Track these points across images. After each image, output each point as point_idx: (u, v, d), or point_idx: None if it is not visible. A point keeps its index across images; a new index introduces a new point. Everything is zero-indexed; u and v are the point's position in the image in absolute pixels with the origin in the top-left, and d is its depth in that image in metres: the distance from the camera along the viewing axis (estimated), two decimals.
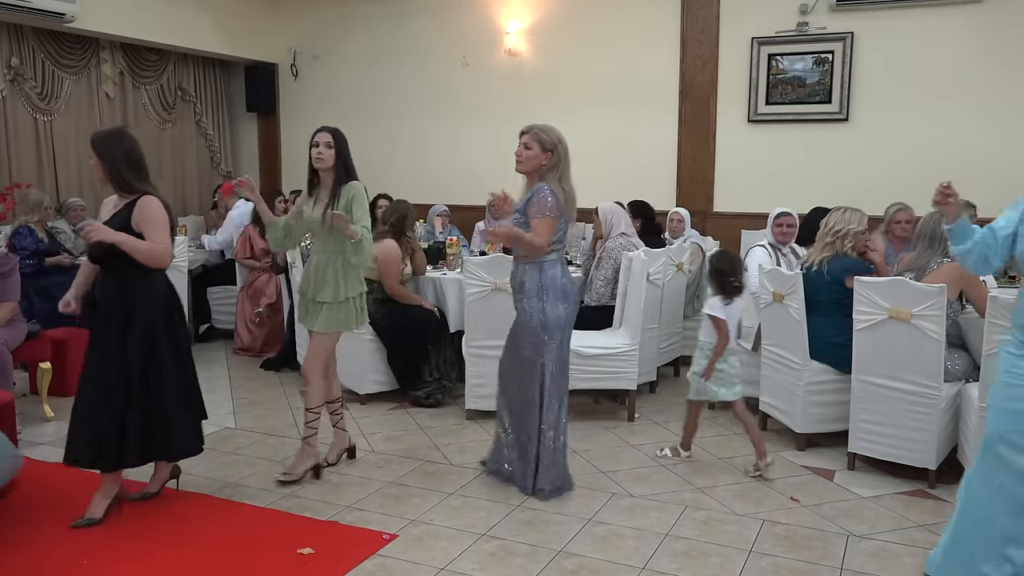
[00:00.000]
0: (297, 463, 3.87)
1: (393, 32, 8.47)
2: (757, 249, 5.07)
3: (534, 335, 3.67)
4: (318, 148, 3.76)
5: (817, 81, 6.90)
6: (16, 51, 7.02)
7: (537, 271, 3.66)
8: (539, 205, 3.59)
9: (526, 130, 3.80)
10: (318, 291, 3.76)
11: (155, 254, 3.31)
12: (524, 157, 3.74)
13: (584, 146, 7.91)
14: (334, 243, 3.73)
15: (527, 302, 3.68)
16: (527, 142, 3.75)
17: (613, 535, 3.35)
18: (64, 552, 3.14)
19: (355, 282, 3.81)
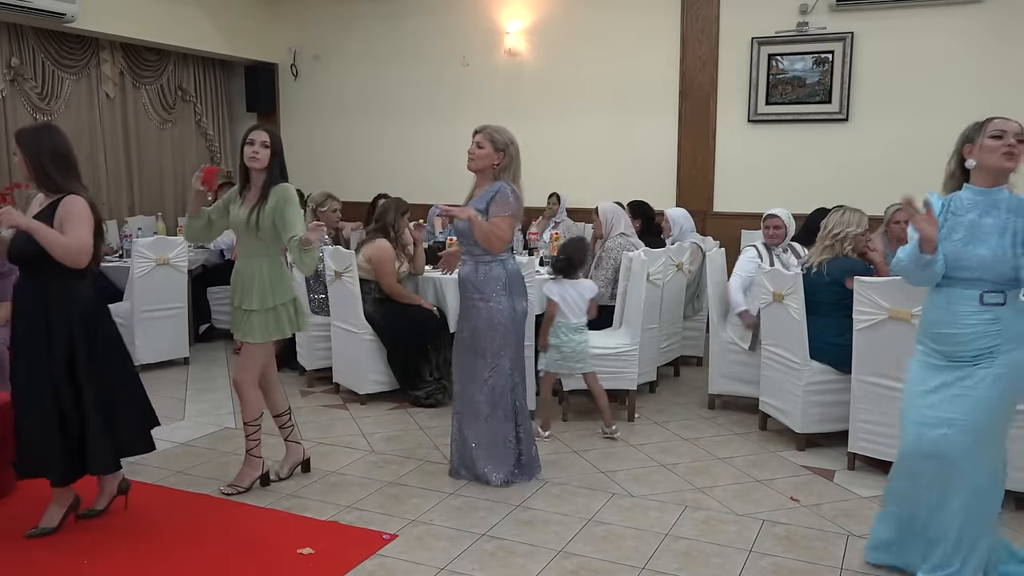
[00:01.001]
0: (242, 475, 3.74)
1: (393, 32, 8.47)
2: (748, 249, 5.08)
3: (502, 330, 3.72)
4: (253, 147, 3.57)
5: (817, 81, 6.90)
6: (16, 51, 7.02)
7: (501, 267, 3.74)
8: (503, 203, 3.67)
9: (479, 129, 3.84)
10: (244, 298, 3.61)
11: (69, 249, 3.07)
12: (477, 156, 3.79)
13: (584, 146, 7.98)
14: (262, 247, 3.60)
15: (494, 300, 3.71)
16: (480, 141, 3.80)
17: (613, 535, 3.35)
18: (64, 552, 3.14)
19: (284, 288, 3.66)
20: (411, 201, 7.80)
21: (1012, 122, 2.64)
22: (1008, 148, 2.58)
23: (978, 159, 2.64)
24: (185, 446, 4.39)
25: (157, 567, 3.06)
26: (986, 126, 2.66)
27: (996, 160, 2.61)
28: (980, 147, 2.63)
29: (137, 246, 5.78)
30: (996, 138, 2.61)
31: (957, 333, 2.63)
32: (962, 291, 2.62)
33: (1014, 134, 2.61)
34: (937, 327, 2.68)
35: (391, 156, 8.57)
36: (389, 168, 8.44)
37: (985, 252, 2.59)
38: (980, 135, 2.65)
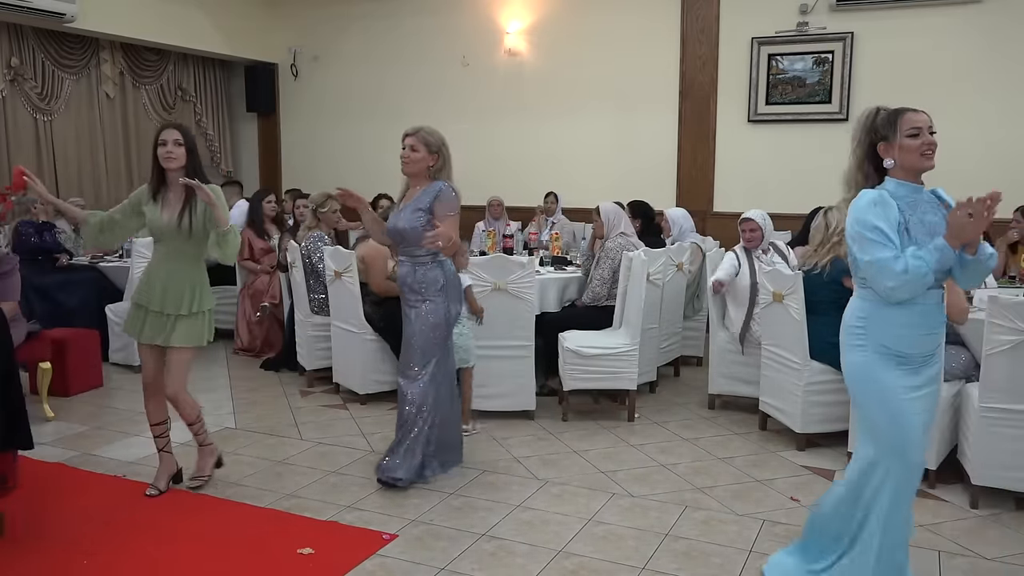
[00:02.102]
0: (202, 464, 3.78)
1: (393, 32, 8.47)
2: (728, 254, 5.02)
3: (434, 333, 3.74)
4: (166, 147, 3.44)
5: (817, 81, 6.90)
6: (16, 51, 7.02)
7: (439, 269, 3.77)
8: (448, 204, 3.72)
9: (412, 132, 3.82)
10: (172, 303, 3.48)
11: None
12: (412, 159, 3.76)
13: (584, 146, 7.99)
14: (190, 248, 3.51)
15: (431, 301, 3.72)
16: (414, 144, 3.77)
17: (613, 535, 3.35)
18: (64, 552, 3.14)
19: (209, 295, 3.60)
20: None
21: (922, 114, 2.51)
22: (927, 147, 2.47)
23: (897, 159, 2.51)
24: (185, 446, 4.37)
25: (157, 567, 3.06)
26: (899, 123, 2.49)
27: (916, 161, 2.49)
28: (898, 147, 2.49)
29: (137, 246, 5.77)
30: (913, 136, 2.48)
31: (923, 335, 2.54)
32: (934, 291, 2.51)
33: (928, 128, 2.49)
34: (909, 332, 2.52)
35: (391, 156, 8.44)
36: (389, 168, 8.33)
37: None
38: (894, 133, 2.50)
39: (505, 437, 4.51)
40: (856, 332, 2.59)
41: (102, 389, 5.47)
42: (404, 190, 3.90)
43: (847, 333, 2.63)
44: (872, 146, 2.56)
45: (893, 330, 2.53)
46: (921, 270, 2.39)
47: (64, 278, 6.09)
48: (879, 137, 2.54)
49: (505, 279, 4.60)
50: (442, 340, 3.81)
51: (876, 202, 2.47)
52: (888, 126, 2.52)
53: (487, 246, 6.09)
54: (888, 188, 2.52)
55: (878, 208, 2.45)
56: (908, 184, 2.52)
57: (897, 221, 2.44)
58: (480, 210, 7.67)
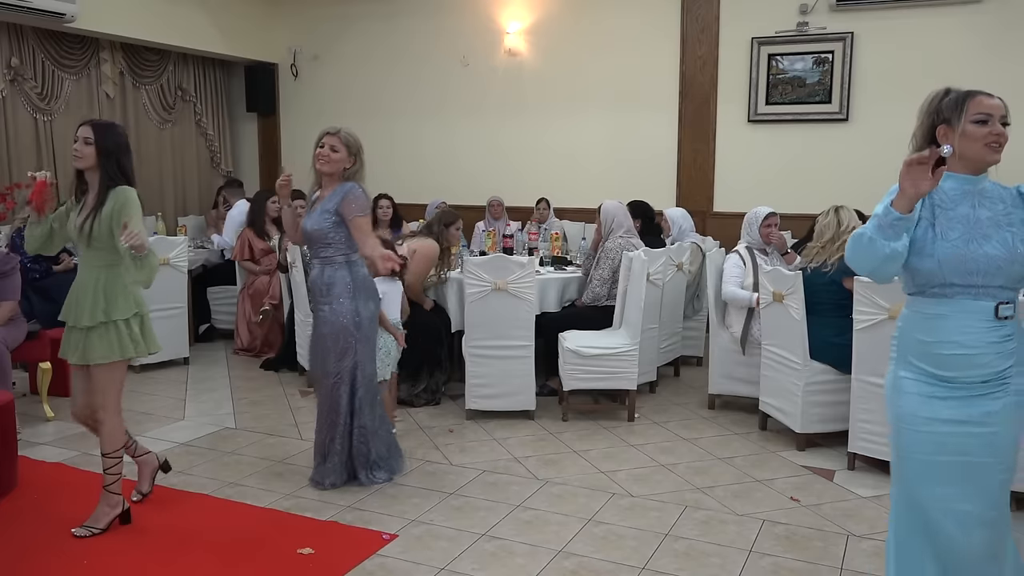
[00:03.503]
0: (99, 514, 3.31)
1: (393, 32, 8.47)
2: (731, 256, 4.97)
3: (347, 335, 3.67)
4: (76, 144, 3.20)
5: (817, 81, 6.90)
6: (16, 51, 7.02)
7: (347, 270, 3.68)
8: (359, 204, 3.63)
9: (333, 132, 3.70)
10: (77, 315, 3.18)
11: None
12: (332, 159, 3.66)
13: (584, 146, 7.98)
14: (96, 256, 3.20)
15: (338, 303, 3.65)
16: (335, 144, 3.67)
17: (613, 535, 3.35)
18: (64, 552, 3.14)
19: (123, 301, 3.19)
20: (411, 201, 7.84)
21: (996, 99, 2.16)
22: (995, 137, 2.13)
23: (958, 147, 2.14)
24: (185, 446, 4.39)
25: (157, 567, 3.06)
26: (967, 104, 2.14)
27: (980, 151, 2.15)
28: (961, 133, 2.14)
29: None
30: (981, 123, 2.13)
31: (965, 355, 2.11)
32: (971, 302, 2.11)
33: (1000, 117, 2.15)
34: (937, 347, 2.14)
35: (391, 156, 8.57)
36: (389, 168, 8.43)
37: (994, 250, 2.10)
38: (960, 116, 2.14)
39: (505, 437, 4.51)
40: (893, 343, 2.27)
41: None
42: (311, 189, 3.82)
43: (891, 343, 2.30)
44: (932, 129, 2.21)
45: (926, 341, 2.15)
46: (861, 234, 2.11)
47: (64, 278, 6.08)
48: (941, 119, 2.19)
49: (505, 279, 4.60)
50: (353, 343, 3.68)
51: (894, 190, 2.14)
52: (953, 108, 2.17)
53: (487, 246, 6.08)
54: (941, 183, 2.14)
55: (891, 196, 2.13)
56: (961, 176, 2.18)
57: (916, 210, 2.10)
58: (480, 210, 7.68)
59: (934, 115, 2.21)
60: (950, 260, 2.10)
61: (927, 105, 2.24)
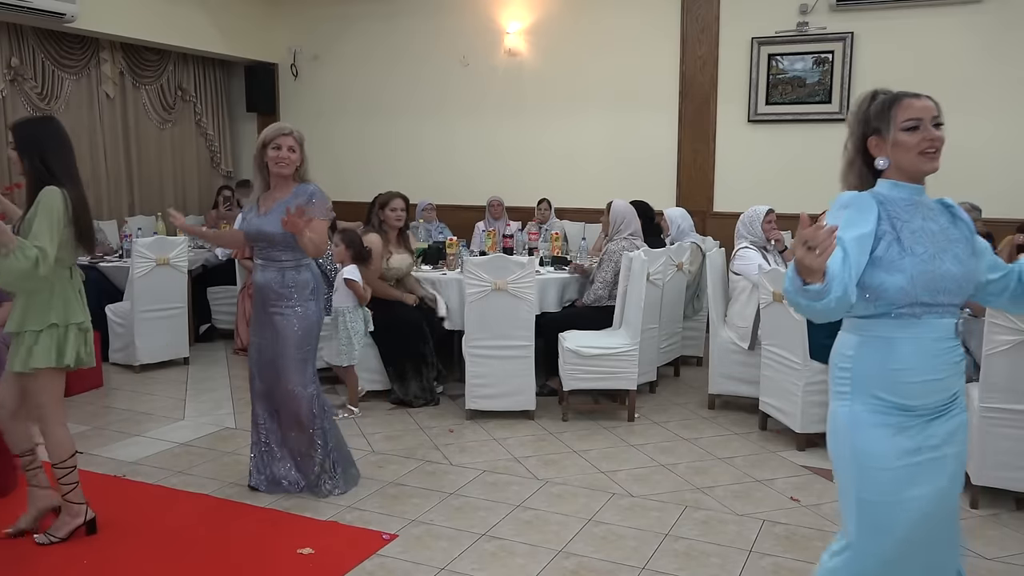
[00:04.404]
0: (60, 523, 3.22)
1: (393, 32, 8.47)
2: (746, 251, 4.92)
3: (309, 336, 3.64)
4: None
5: (817, 81, 6.90)
6: (16, 51, 7.02)
7: (309, 272, 3.65)
8: (321, 207, 3.56)
9: (289, 132, 3.58)
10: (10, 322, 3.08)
11: None
12: (291, 160, 3.57)
13: (584, 146, 7.98)
14: None
15: (305, 305, 3.60)
16: (292, 145, 3.57)
17: (613, 535, 3.34)
18: (64, 552, 3.14)
19: (40, 312, 3.02)
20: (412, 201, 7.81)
21: (925, 100, 1.99)
22: (929, 143, 1.96)
23: (893, 158, 1.98)
24: (185, 446, 4.39)
25: (157, 567, 3.06)
26: (894, 111, 1.97)
27: (915, 161, 1.97)
28: (892, 143, 1.97)
29: (137, 246, 5.78)
30: (912, 130, 1.96)
31: (934, 380, 1.94)
32: (937, 321, 1.94)
33: (931, 119, 1.98)
34: (906, 375, 1.93)
35: (391, 156, 8.57)
36: (390, 168, 8.44)
37: (953, 267, 1.94)
38: (889, 125, 1.97)
39: (505, 437, 4.51)
40: (840, 376, 2.00)
41: (102, 389, 5.47)
42: (260, 190, 3.66)
43: (831, 376, 2.04)
44: (864, 139, 2.04)
45: (894, 370, 1.93)
46: (788, 292, 1.82)
47: None
48: (871, 129, 2.02)
49: (505, 279, 4.60)
50: (315, 344, 3.71)
51: (847, 204, 1.95)
52: (881, 116, 1.99)
53: (487, 246, 6.08)
54: (880, 190, 2.01)
55: (848, 212, 1.93)
56: (907, 186, 2.00)
57: (872, 230, 1.91)
58: (480, 210, 7.68)
59: (864, 124, 2.04)
60: (921, 276, 1.91)
61: (856, 113, 2.07)
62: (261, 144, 3.59)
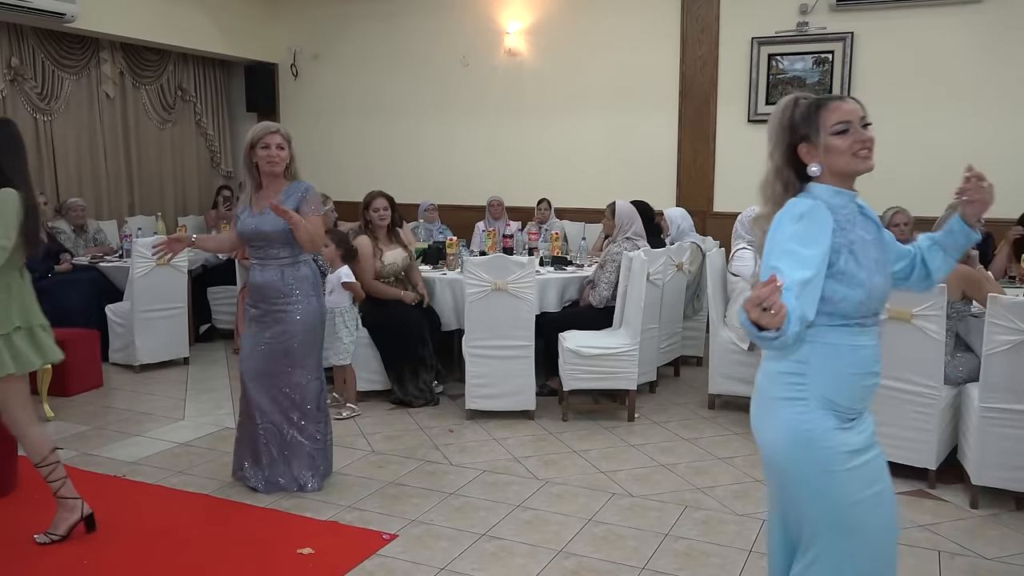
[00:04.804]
0: (58, 520, 3.20)
1: (393, 32, 8.47)
2: (748, 252, 4.93)
3: (316, 332, 3.70)
4: None
5: (817, 81, 6.90)
6: (16, 51, 7.02)
7: (308, 268, 3.69)
8: (315, 203, 3.61)
9: (276, 130, 3.57)
10: None
11: None
12: (280, 158, 3.55)
13: (584, 146, 7.98)
14: None
15: (307, 301, 3.63)
16: (281, 143, 3.56)
17: (613, 535, 3.35)
18: (64, 552, 3.14)
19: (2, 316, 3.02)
20: (412, 200, 7.83)
21: (851, 102, 1.98)
22: (862, 144, 1.94)
23: (826, 163, 1.97)
24: (185, 446, 4.39)
25: (157, 567, 3.06)
26: (822, 116, 1.96)
27: (850, 163, 1.95)
28: (824, 148, 1.96)
29: (137, 246, 5.78)
30: (842, 133, 1.94)
31: (875, 384, 2.01)
32: (876, 328, 2.01)
33: (859, 120, 1.96)
34: (860, 379, 1.97)
35: (391, 156, 8.57)
36: (390, 168, 8.44)
37: (886, 275, 2.02)
38: (818, 131, 1.96)
39: (505, 437, 4.51)
40: (795, 383, 1.96)
41: (102, 389, 5.47)
42: (252, 190, 3.65)
43: (775, 383, 2.00)
44: (792, 148, 2.02)
45: (853, 375, 1.96)
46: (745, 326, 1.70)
47: (64, 278, 6.09)
48: (799, 137, 2.00)
49: (505, 279, 4.60)
50: (320, 338, 3.78)
51: (803, 215, 1.89)
52: (808, 122, 1.99)
53: (487, 246, 6.08)
54: (824, 197, 1.96)
55: (805, 225, 1.88)
56: (846, 192, 1.99)
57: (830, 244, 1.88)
58: (480, 210, 7.68)
59: (789, 131, 2.02)
60: (877, 288, 1.95)
61: (779, 119, 2.04)
62: (249, 144, 3.59)
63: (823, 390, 1.93)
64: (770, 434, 1.99)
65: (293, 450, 3.73)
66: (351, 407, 4.88)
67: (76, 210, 6.76)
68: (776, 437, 1.98)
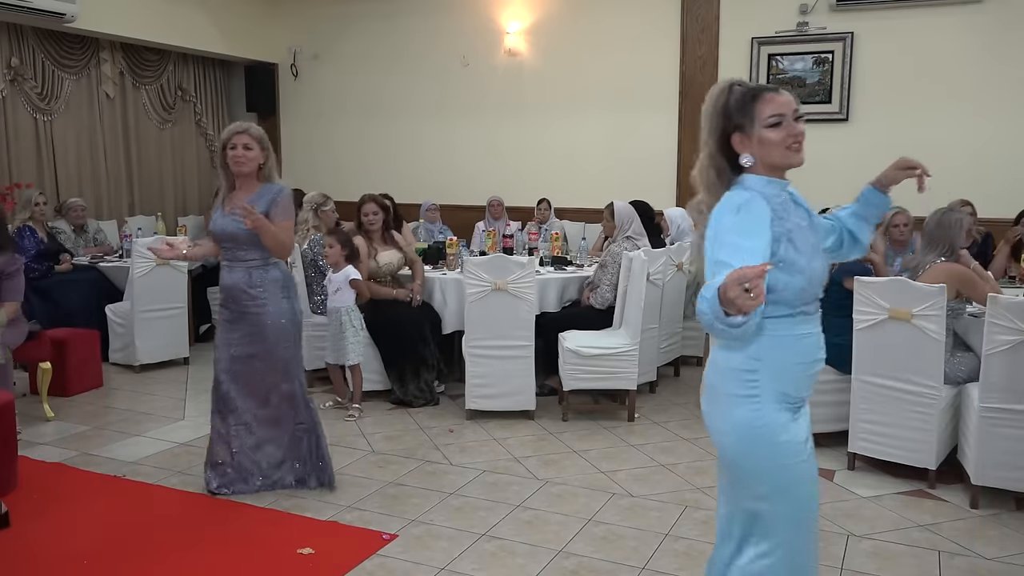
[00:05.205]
0: None
1: (393, 32, 8.47)
2: None
3: (287, 334, 3.60)
4: None
5: (817, 81, 6.90)
6: (16, 51, 7.02)
7: (277, 270, 3.61)
8: (286, 208, 3.53)
9: (242, 130, 3.55)
10: None
11: None
12: (249, 159, 3.52)
13: (584, 146, 7.99)
14: None
15: (276, 303, 3.55)
16: (248, 143, 3.52)
17: (613, 535, 3.35)
18: (64, 552, 3.14)
19: None
20: (412, 200, 7.84)
21: (785, 95, 1.98)
22: (795, 138, 1.97)
23: (759, 155, 1.97)
24: (185, 446, 4.38)
25: (157, 567, 3.06)
26: (757, 107, 1.96)
27: (783, 155, 1.98)
28: (758, 140, 1.96)
29: (137, 246, 5.77)
30: (776, 126, 1.96)
31: (818, 371, 2.04)
32: (817, 314, 2.03)
33: (792, 113, 1.98)
34: (806, 368, 2.00)
35: (391, 156, 8.57)
36: (389, 168, 8.44)
37: (824, 260, 2.05)
38: (753, 122, 1.96)
39: (505, 437, 4.51)
40: (747, 379, 1.95)
41: (102, 389, 5.47)
42: (226, 191, 3.63)
43: (728, 380, 1.99)
44: (726, 136, 2.01)
45: (802, 363, 1.99)
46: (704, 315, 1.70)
47: (64, 278, 6.09)
48: (733, 126, 1.99)
49: (505, 279, 4.60)
50: (294, 342, 3.66)
51: (741, 207, 1.89)
52: (742, 112, 1.98)
53: (487, 246, 6.08)
54: (758, 188, 1.97)
55: (744, 217, 1.88)
56: (779, 181, 2.01)
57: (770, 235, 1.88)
58: (480, 210, 7.68)
59: (723, 119, 2.01)
60: (816, 273, 1.97)
61: (712, 105, 2.02)
62: (221, 145, 3.58)
63: (775, 383, 1.95)
64: (725, 431, 2.00)
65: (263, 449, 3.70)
66: (357, 407, 4.88)
67: (76, 210, 6.76)
68: (732, 434, 1.99)
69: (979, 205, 5.71)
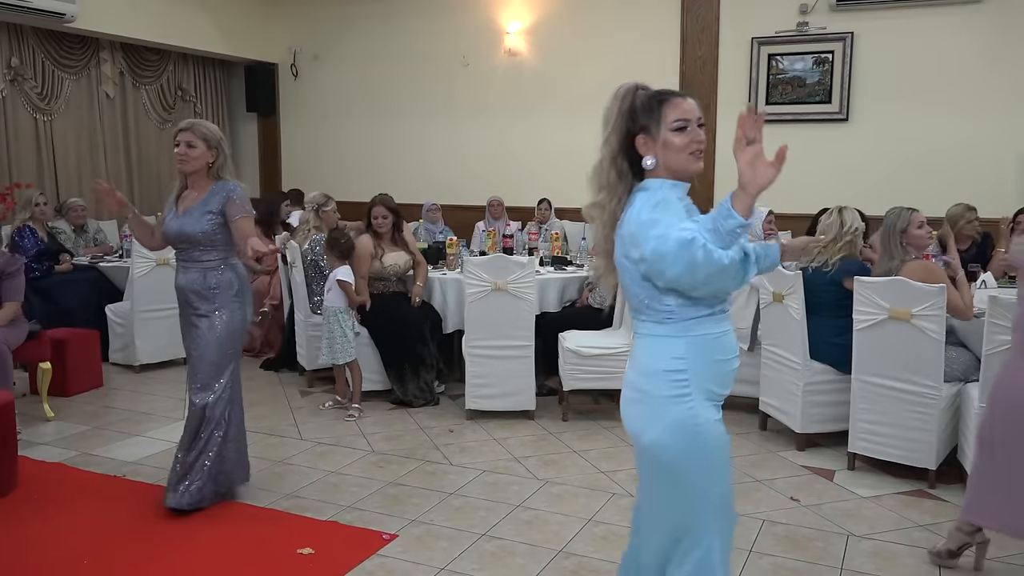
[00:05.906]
0: None
1: (393, 32, 8.47)
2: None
3: (236, 340, 3.50)
4: None
5: (817, 81, 6.90)
6: (16, 51, 7.02)
7: (232, 272, 3.50)
8: (243, 204, 3.42)
9: (186, 127, 3.46)
10: None
11: None
12: (191, 156, 3.42)
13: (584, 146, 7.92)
14: None
15: (228, 307, 3.45)
16: (190, 140, 3.42)
17: (613, 535, 3.34)
18: (64, 552, 3.14)
19: None
20: (412, 201, 7.84)
21: (690, 101, 2.00)
22: (698, 145, 2.00)
23: (662, 158, 1.99)
24: None
25: (157, 567, 3.06)
26: (664, 111, 1.97)
27: (685, 161, 2.00)
28: (663, 143, 1.97)
29: (137, 246, 5.77)
30: (680, 131, 1.97)
31: (737, 368, 2.11)
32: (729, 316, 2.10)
33: (696, 120, 2.00)
34: (729, 364, 2.06)
35: (391, 156, 8.57)
36: (389, 168, 8.44)
37: None
38: (658, 125, 1.98)
39: (505, 437, 4.52)
40: (677, 380, 1.98)
41: (102, 389, 5.47)
42: (179, 191, 3.53)
43: (658, 383, 2.00)
44: (630, 137, 2.02)
45: (722, 360, 2.04)
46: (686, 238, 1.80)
47: (64, 278, 6.09)
48: (638, 127, 2.00)
49: (505, 279, 4.60)
50: (238, 348, 3.54)
51: (659, 203, 1.94)
52: (648, 114, 1.98)
53: (487, 246, 6.08)
54: (661, 189, 2.00)
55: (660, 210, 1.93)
56: (681, 184, 2.04)
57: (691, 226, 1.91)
58: (480, 210, 7.67)
59: (628, 120, 2.01)
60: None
61: (618, 104, 2.03)
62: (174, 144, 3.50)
63: (702, 381, 2.00)
64: (659, 433, 2.00)
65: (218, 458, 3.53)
66: (357, 407, 4.88)
67: (76, 210, 6.76)
68: (667, 435, 1.99)
69: (978, 205, 5.71)
